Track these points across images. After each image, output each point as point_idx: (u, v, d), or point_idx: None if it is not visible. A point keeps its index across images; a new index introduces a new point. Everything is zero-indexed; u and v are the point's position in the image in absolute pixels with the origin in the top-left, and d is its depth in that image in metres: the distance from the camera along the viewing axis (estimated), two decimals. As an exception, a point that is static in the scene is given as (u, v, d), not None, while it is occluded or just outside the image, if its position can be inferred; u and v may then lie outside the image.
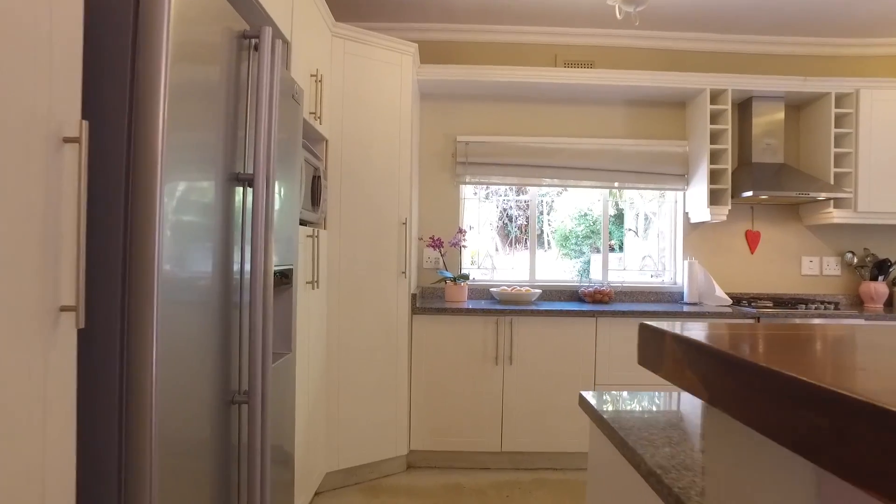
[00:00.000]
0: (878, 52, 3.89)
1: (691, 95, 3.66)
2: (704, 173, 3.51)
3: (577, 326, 3.13)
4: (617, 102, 3.80)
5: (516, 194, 3.90)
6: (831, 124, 3.55)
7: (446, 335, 3.09)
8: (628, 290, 3.78)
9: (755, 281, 3.84)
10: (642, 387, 3.14)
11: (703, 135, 3.55)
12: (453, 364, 3.09)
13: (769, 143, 3.63)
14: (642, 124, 3.81)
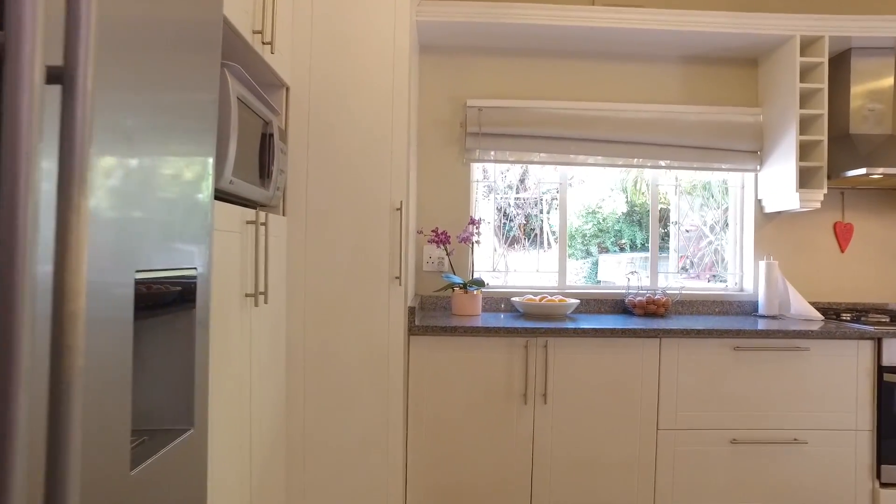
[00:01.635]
0: None
1: (770, 48, 2.82)
2: (791, 147, 2.67)
3: (633, 350, 2.29)
4: (671, 59, 2.96)
5: (516, 191, 3.05)
6: (957, 83, 2.73)
7: (457, 363, 2.25)
8: (686, 298, 2.94)
9: (846, 288, 3.01)
10: (721, 431, 2.31)
11: (788, 98, 2.71)
12: (466, 403, 2.25)
13: (873, 109, 2.80)
14: (704, 87, 2.97)
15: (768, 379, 2.33)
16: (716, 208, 3.12)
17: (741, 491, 2.31)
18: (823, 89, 2.66)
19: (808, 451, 2.34)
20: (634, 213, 3.20)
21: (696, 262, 3.14)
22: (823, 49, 2.67)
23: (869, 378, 2.37)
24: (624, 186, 3.19)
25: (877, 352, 2.37)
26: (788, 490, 2.33)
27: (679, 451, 2.29)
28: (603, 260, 3.23)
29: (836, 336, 2.33)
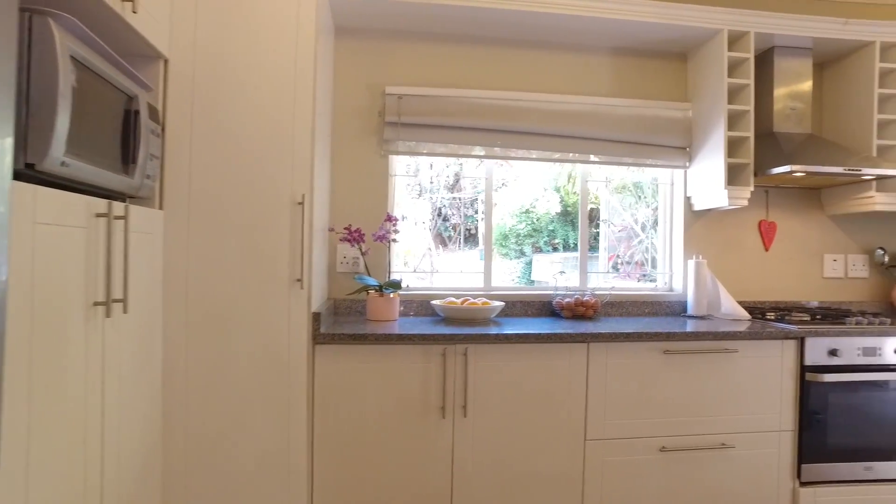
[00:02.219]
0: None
1: (699, 42, 2.75)
2: (720, 143, 2.61)
3: (560, 356, 2.14)
4: (601, 50, 2.85)
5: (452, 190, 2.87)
6: (874, 83, 2.74)
7: (368, 375, 2.03)
8: (616, 298, 2.84)
9: (770, 286, 2.99)
10: (651, 439, 2.19)
11: (717, 93, 2.65)
12: (379, 418, 2.03)
13: (794, 108, 2.78)
14: (634, 80, 2.88)
15: (698, 382, 2.24)
16: (646, 206, 3.05)
17: (670, 500, 2.21)
18: (750, 85, 2.61)
19: (734, 454, 2.26)
20: (568, 212, 3.08)
21: (627, 261, 3.06)
22: (749, 45, 2.62)
23: (792, 378, 2.32)
24: (557, 185, 3.07)
25: (800, 351, 2.33)
26: (716, 495, 2.25)
27: (608, 461, 2.16)
28: (536, 260, 3.09)
29: (763, 336, 2.27)
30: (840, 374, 2.32)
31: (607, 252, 3.04)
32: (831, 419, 2.33)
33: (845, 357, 2.35)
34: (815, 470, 2.32)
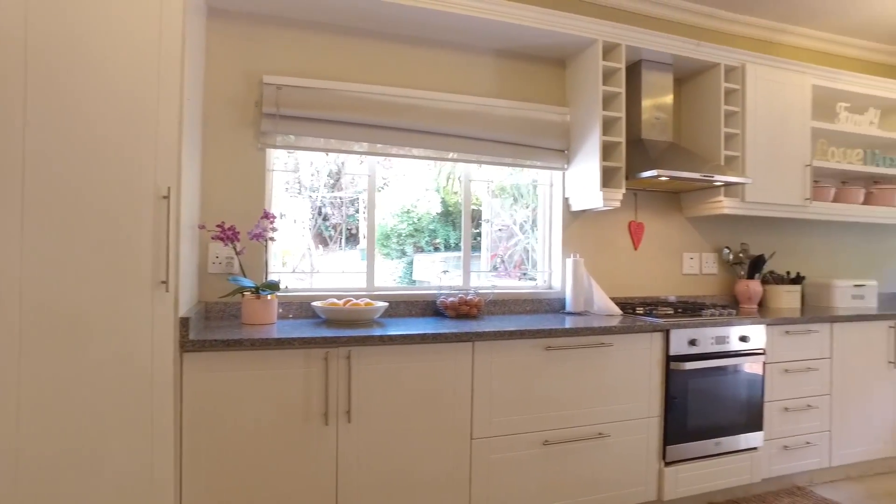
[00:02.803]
0: (755, 33, 3.51)
1: (577, 50, 2.88)
2: (595, 147, 2.74)
3: (446, 356, 2.12)
4: (485, 51, 2.88)
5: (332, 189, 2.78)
6: (721, 100, 3.04)
7: (244, 383, 1.87)
8: (499, 297, 2.89)
9: (639, 283, 3.21)
10: (534, 434, 2.24)
11: (592, 99, 2.78)
12: (257, 429, 1.88)
13: (659, 118, 3.00)
14: (516, 83, 2.95)
15: (577, 376, 2.33)
16: (525, 207, 3.13)
17: (553, 492, 2.28)
18: (622, 94, 2.78)
19: (610, 442, 2.39)
20: (449, 213, 3.09)
21: (507, 260, 3.13)
22: (621, 56, 2.78)
23: (659, 367, 2.50)
24: (438, 186, 3.07)
25: (665, 342, 2.51)
26: (593, 482, 2.35)
27: (494, 459, 2.18)
28: (418, 260, 3.07)
29: (635, 330, 2.42)
30: (698, 361, 2.53)
31: (489, 252, 3.09)
32: (690, 403, 2.54)
33: (702, 346, 2.57)
34: (677, 450, 2.51)
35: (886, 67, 4.10)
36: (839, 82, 3.42)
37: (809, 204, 3.27)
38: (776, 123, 3.16)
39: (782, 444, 2.79)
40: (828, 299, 3.45)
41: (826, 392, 2.92)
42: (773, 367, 2.76)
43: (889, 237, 4.10)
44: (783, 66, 3.20)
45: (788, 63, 3.21)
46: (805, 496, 2.79)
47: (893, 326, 3.13)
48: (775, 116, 3.16)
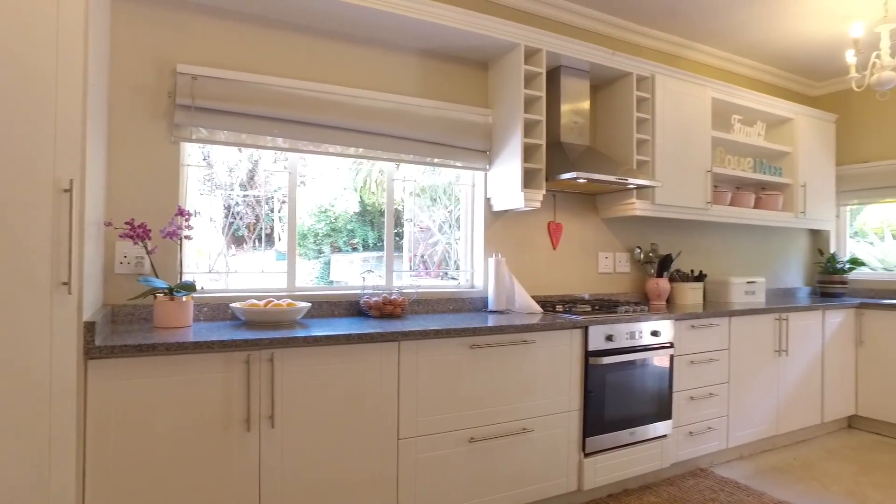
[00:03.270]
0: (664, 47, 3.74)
1: (499, 53, 2.94)
2: (517, 149, 2.81)
3: (371, 356, 2.10)
4: (410, 50, 2.88)
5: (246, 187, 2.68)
6: (633, 107, 3.21)
7: (158, 391, 1.75)
8: (422, 296, 2.89)
9: (557, 281, 3.32)
10: (460, 431, 2.26)
11: (514, 102, 2.85)
12: (173, 441, 1.77)
13: (577, 122, 3.12)
14: (440, 83, 2.97)
15: (501, 373, 2.37)
16: (446, 207, 3.16)
17: (480, 487, 2.31)
18: (542, 98, 2.87)
19: (533, 437, 2.45)
20: (367, 212, 3.06)
21: (428, 260, 3.14)
22: (542, 61, 2.87)
23: (579, 362, 2.60)
24: (356, 185, 3.03)
25: (584, 339, 2.61)
26: (518, 477, 2.41)
27: (421, 458, 2.18)
28: (335, 260, 3.01)
29: (556, 327, 2.50)
30: (614, 356, 2.66)
31: (410, 251, 3.09)
32: (607, 395, 2.66)
33: (617, 341, 2.70)
34: (595, 441, 2.63)
35: (771, 87, 4.50)
36: (734, 97, 3.72)
37: (710, 207, 3.52)
38: (681, 131, 3.38)
39: (688, 431, 2.99)
40: (725, 295, 3.73)
41: (725, 381, 3.16)
42: (680, 360, 2.95)
43: (773, 238, 4.50)
44: (687, 78, 3.43)
45: (692, 76, 3.45)
46: (707, 477, 3.00)
47: (778, 318, 3.44)
48: (681, 125, 3.38)
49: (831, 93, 4.73)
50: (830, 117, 4.41)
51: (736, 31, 3.68)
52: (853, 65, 3.23)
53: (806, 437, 3.73)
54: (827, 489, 2.91)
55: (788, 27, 3.61)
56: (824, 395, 3.72)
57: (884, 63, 3.10)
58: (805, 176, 4.15)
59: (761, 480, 3.00)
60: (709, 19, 3.50)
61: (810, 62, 4.25)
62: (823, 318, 3.73)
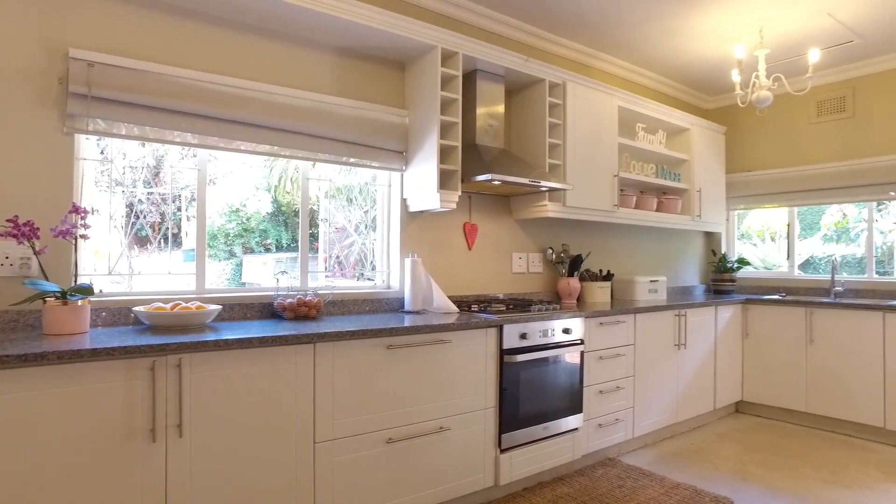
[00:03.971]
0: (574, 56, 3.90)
1: (416, 54, 2.95)
2: (433, 150, 2.84)
3: (286, 359, 2.04)
4: (326, 48, 2.83)
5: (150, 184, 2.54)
6: (546, 112, 3.34)
7: (49, 404, 1.61)
8: (338, 297, 2.85)
9: (473, 281, 3.38)
10: (378, 433, 2.25)
11: (431, 103, 2.87)
12: (66, 457, 1.63)
13: (492, 125, 3.20)
14: (357, 82, 2.93)
15: (418, 373, 2.38)
16: (362, 208, 3.13)
17: (398, 488, 2.30)
18: (458, 100, 2.91)
19: (450, 435, 2.48)
20: (281, 212, 2.98)
21: (344, 260, 3.10)
22: (459, 64, 2.91)
23: (494, 361, 2.65)
24: (269, 185, 2.94)
25: (499, 337, 2.68)
26: (436, 475, 2.43)
27: (338, 461, 2.15)
28: (247, 261, 2.92)
29: (472, 326, 2.54)
30: (528, 353, 2.74)
31: (325, 252, 3.04)
32: (522, 392, 2.74)
33: (531, 339, 2.79)
34: (511, 437, 2.69)
35: (671, 98, 4.83)
36: (639, 106, 3.95)
37: (617, 210, 3.72)
38: (591, 137, 3.55)
39: (598, 423, 3.13)
40: (631, 293, 3.95)
41: (631, 374, 3.34)
42: (590, 355, 3.09)
43: (673, 239, 4.82)
44: (596, 87, 3.60)
45: (600, 85, 3.63)
46: (615, 465, 3.16)
47: (678, 314, 3.69)
48: (590, 131, 3.55)
49: (721, 107, 5.13)
50: (720, 129, 4.79)
51: (640, 45, 3.91)
52: (737, 83, 3.53)
53: (701, 423, 4.02)
54: (717, 469, 3.16)
55: (685, 45, 3.89)
56: (716, 383, 4.02)
57: (761, 83, 3.41)
58: (700, 182, 4.48)
59: (663, 465, 3.20)
60: (615, 32, 3.69)
61: (703, 78, 4.59)
62: (716, 314, 4.04)
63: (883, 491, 2.91)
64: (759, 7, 3.32)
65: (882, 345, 3.63)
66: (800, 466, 3.21)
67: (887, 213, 4.38)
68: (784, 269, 4.84)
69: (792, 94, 3.93)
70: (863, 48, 3.97)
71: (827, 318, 3.87)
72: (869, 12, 3.41)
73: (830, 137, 4.46)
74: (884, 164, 4.14)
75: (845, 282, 4.36)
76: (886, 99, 4.17)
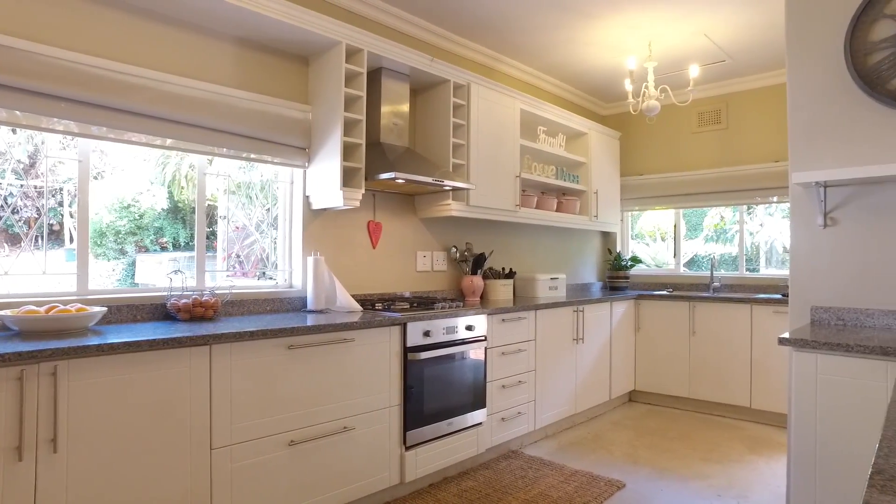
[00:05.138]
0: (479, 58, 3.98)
1: (320, 49, 2.90)
2: (336, 147, 2.80)
3: (179, 363, 1.94)
4: (226, 37, 2.71)
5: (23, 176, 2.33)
6: (450, 113, 3.39)
7: None
8: (237, 297, 2.74)
9: (377, 280, 3.37)
10: (280, 435, 2.19)
11: (334, 100, 2.83)
12: None
13: (397, 124, 3.20)
14: (258, 75, 2.83)
15: (321, 373, 2.34)
16: (263, 206, 3.04)
17: (301, 491, 2.25)
18: (363, 98, 2.89)
19: (355, 435, 2.46)
20: (178, 209, 2.83)
21: (245, 259, 2.99)
22: (363, 61, 2.89)
23: (398, 359, 2.66)
24: (165, 179, 2.78)
25: (403, 335, 2.69)
26: (341, 475, 2.39)
27: (237, 467, 2.06)
28: (141, 260, 2.74)
29: (375, 325, 2.53)
30: (432, 350, 2.77)
31: (225, 250, 2.92)
32: (426, 389, 2.77)
33: (435, 336, 2.82)
34: (416, 434, 2.71)
35: (570, 103, 5.06)
36: (540, 110, 4.11)
37: (519, 209, 3.85)
38: (494, 138, 3.64)
39: (501, 417, 3.22)
40: (532, 290, 4.09)
41: (532, 368, 3.47)
42: (493, 351, 3.18)
43: (572, 239, 5.06)
44: (499, 90, 3.70)
45: (504, 88, 3.73)
46: (517, 457, 3.26)
47: (576, 310, 3.88)
48: (493, 132, 3.64)
49: (616, 113, 5.45)
50: (615, 134, 5.08)
51: (542, 51, 4.07)
52: (630, 92, 3.77)
53: (597, 413, 4.25)
54: (612, 455, 3.35)
55: (583, 53, 4.09)
56: (612, 375, 4.27)
57: (650, 93, 3.66)
58: (597, 184, 4.73)
59: (563, 455, 3.35)
60: (518, 38, 3.82)
61: (600, 85, 4.85)
62: (611, 309, 4.28)
63: (747, 462, 3.23)
64: (648, 23, 3.55)
65: (750, 334, 4.01)
66: (683, 448, 3.48)
67: (755, 216, 4.85)
68: (672, 267, 5.22)
69: (677, 104, 4.25)
70: (734, 67, 4.36)
71: (706, 311, 4.22)
72: (738, 36, 3.76)
73: (709, 146, 4.86)
74: (752, 172, 4.57)
75: (722, 278, 4.77)
76: (753, 114, 4.62)
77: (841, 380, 1.86)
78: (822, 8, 2.32)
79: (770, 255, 4.86)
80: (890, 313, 2.18)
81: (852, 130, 2.25)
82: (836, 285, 2.31)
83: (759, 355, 3.97)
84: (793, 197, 2.43)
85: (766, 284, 4.56)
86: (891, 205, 2.20)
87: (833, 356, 1.87)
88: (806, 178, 2.20)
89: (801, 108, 2.38)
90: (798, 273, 2.41)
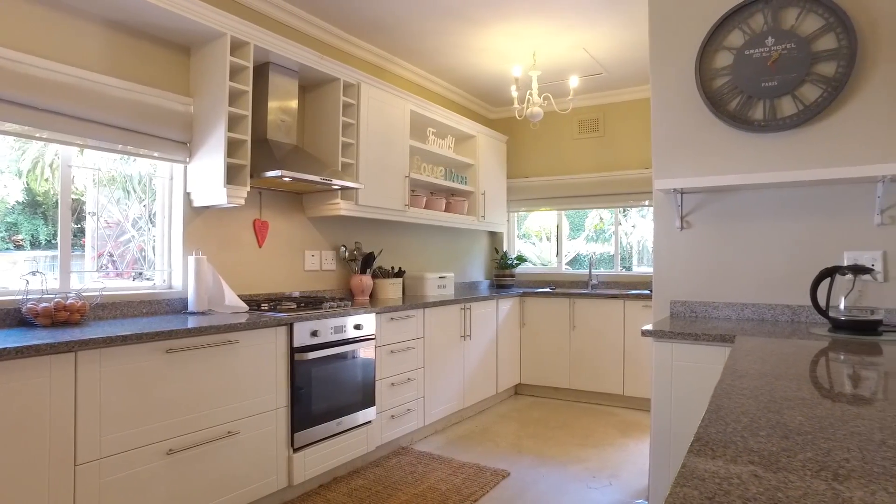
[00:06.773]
0: (370, 58, 3.99)
1: (203, 40, 2.77)
2: (220, 142, 2.69)
3: (37, 373, 1.78)
4: (94, 18, 2.51)
5: None
6: (339, 112, 3.37)
7: None
8: (109, 300, 2.55)
9: (264, 279, 3.28)
10: (156, 445, 2.07)
11: (218, 93, 2.72)
12: None
13: (284, 121, 3.13)
14: (132, 62, 2.65)
15: (203, 377, 2.25)
16: (139, 202, 2.85)
17: (182, 501, 2.15)
18: (249, 93, 2.80)
19: (240, 439, 2.39)
20: (38, 203, 2.58)
21: (119, 259, 2.80)
22: (250, 55, 2.80)
23: (284, 360, 2.62)
24: (19, 169, 2.53)
25: (290, 335, 2.65)
26: (225, 481, 2.31)
27: (106, 482, 1.93)
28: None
29: (260, 326, 2.48)
30: (320, 350, 2.75)
31: (95, 249, 2.71)
32: (314, 389, 2.74)
33: (323, 336, 2.80)
34: (304, 435, 2.68)
35: (460, 106, 5.20)
36: (430, 111, 4.19)
37: (408, 209, 3.90)
38: (383, 138, 3.67)
39: (390, 415, 3.26)
40: (421, 289, 4.17)
41: (421, 366, 3.54)
42: (381, 350, 3.21)
43: (461, 238, 5.21)
44: (390, 90, 3.74)
45: (394, 89, 3.77)
46: (408, 453, 3.32)
47: (464, 308, 4.01)
48: (383, 132, 3.67)
49: (504, 117, 5.68)
50: (503, 138, 5.30)
51: (432, 54, 4.15)
52: (515, 98, 3.96)
53: (485, 406, 4.42)
54: (498, 446, 3.51)
55: (472, 58, 4.23)
56: (498, 369, 4.45)
57: (534, 100, 3.87)
58: (484, 185, 4.90)
59: (452, 449, 3.45)
60: (409, 40, 3.87)
61: (488, 90, 5.04)
62: (497, 306, 4.46)
63: (619, 445, 3.52)
64: (532, 34, 3.75)
65: (623, 327, 4.36)
66: (563, 435, 3.72)
67: (629, 218, 5.28)
68: (555, 266, 5.53)
69: (558, 112, 4.51)
70: (609, 80, 4.72)
71: (584, 306, 4.53)
72: (613, 52, 4.07)
73: (588, 152, 5.21)
74: (626, 178, 4.97)
75: (600, 275, 5.14)
76: (626, 124, 5.02)
77: (691, 365, 2.09)
78: (678, 34, 2.59)
79: (642, 254, 5.30)
80: (730, 305, 2.48)
81: (704, 144, 2.54)
82: (691, 281, 2.59)
83: (631, 347, 4.33)
84: (656, 202, 2.68)
85: (638, 281, 4.98)
86: (733, 210, 2.50)
87: (684, 344, 2.10)
88: (665, 185, 2.45)
89: (661, 123, 2.64)
90: (660, 270, 2.67)
